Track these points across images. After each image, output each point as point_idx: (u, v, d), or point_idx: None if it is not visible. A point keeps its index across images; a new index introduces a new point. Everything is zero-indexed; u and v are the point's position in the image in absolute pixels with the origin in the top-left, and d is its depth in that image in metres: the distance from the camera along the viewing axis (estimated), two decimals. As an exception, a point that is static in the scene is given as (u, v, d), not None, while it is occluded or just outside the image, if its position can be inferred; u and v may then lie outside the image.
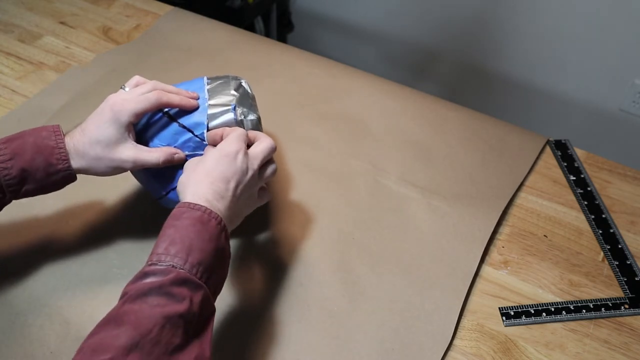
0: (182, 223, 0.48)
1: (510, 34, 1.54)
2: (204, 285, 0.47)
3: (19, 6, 1.04)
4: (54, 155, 0.54)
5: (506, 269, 0.68)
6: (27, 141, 0.54)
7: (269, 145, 0.57)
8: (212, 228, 0.49)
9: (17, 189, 0.55)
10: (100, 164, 0.56)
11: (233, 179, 0.53)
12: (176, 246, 0.47)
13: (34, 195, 0.57)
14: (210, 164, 0.53)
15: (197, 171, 0.54)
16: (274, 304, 0.62)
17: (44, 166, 0.54)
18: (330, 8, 1.83)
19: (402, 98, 0.89)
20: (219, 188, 0.52)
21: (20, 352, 0.57)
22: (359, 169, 0.77)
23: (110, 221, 0.69)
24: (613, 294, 0.66)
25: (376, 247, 0.68)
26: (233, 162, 0.54)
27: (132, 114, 0.56)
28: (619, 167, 0.81)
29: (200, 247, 0.47)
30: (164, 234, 0.48)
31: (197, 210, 0.49)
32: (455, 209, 0.73)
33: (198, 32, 1.00)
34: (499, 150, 0.81)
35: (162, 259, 0.46)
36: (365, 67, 1.00)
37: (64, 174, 0.56)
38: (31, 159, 0.54)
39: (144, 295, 0.44)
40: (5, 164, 0.53)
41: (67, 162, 0.55)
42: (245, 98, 0.63)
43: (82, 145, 0.55)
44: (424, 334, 0.60)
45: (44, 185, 0.56)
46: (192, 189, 0.52)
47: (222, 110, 0.60)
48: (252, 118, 0.62)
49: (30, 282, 0.63)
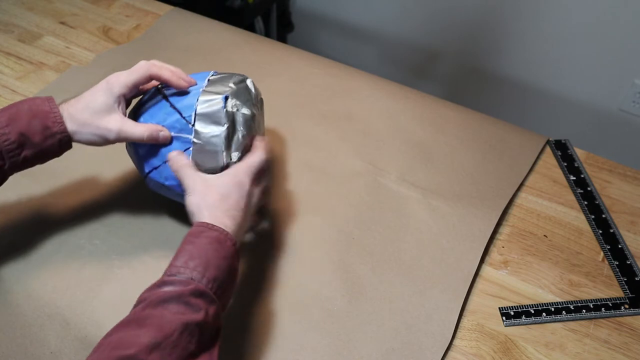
0: (200, 241, 0.51)
1: (511, 34, 1.54)
2: (217, 300, 0.49)
3: (19, 6, 1.04)
4: (49, 119, 0.56)
5: (506, 269, 0.68)
6: (22, 108, 0.56)
7: (266, 168, 0.61)
8: (228, 248, 0.52)
9: (17, 154, 0.55)
10: (86, 129, 0.57)
11: (245, 204, 0.57)
12: (195, 261, 0.49)
13: (33, 164, 0.58)
14: (225, 190, 0.56)
15: (211, 194, 0.56)
16: (274, 304, 0.62)
17: (40, 129, 0.55)
18: (330, 8, 1.83)
19: (402, 98, 0.89)
20: (234, 214, 0.55)
21: (20, 352, 0.57)
22: (359, 169, 0.77)
23: (111, 222, 0.69)
24: (613, 294, 0.66)
25: (376, 247, 0.68)
26: (245, 190, 0.57)
27: (123, 84, 0.58)
28: (619, 167, 0.81)
29: (216, 264, 0.50)
30: (183, 248, 0.51)
31: (215, 231, 0.52)
32: (455, 209, 0.73)
33: (198, 32, 1.00)
34: (499, 150, 0.81)
35: (182, 271, 0.49)
36: (365, 67, 1.00)
37: (61, 136, 0.57)
38: (28, 123, 0.55)
39: (165, 302, 0.46)
40: (4, 129, 0.54)
41: (63, 124, 0.56)
42: (244, 93, 0.63)
43: (74, 109, 0.57)
44: (424, 334, 0.60)
45: (42, 150, 0.57)
46: (209, 212, 0.54)
47: (213, 98, 0.60)
48: (245, 112, 0.61)
49: (30, 282, 0.63)
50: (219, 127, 0.59)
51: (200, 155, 0.59)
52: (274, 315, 0.61)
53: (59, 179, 0.74)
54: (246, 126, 0.61)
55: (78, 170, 0.75)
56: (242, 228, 0.56)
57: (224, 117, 0.59)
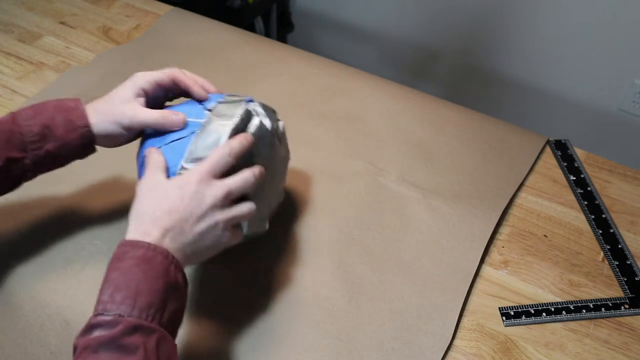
0: (125, 264, 0.46)
1: (511, 34, 1.54)
2: (158, 327, 0.45)
3: (19, 6, 1.04)
4: (73, 113, 0.57)
5: (506, 269, 0.68)
6: (49, 104, 0.58)
7: (242, 179, 0.53)
8: (159, 264, 0.46)
9: (39, 147, 0.56)
10: (106, 118, 0.57)
11: (185, 212, 0.50)
12: (121, 292, 0.44)
13: (55, 160, 0.58)
14: (161, 193, 0.50)
15: (145, 200, 0.50)
16: (273, 304, 0.62)
17: (64, 122, 0.56)
18: (330, 8, 1.83)
19: (402, 98, 0.89)
20: (167, 222, 0.49)
21: (20, 352, 0.57)
22: (359, 169, 0.77)
23: (112, 222, 0.69)
24: (613, 294, 0.66)
25: (376, 247, 0.68)
26: (187, 192, 0.50)
27: (146, 80, 0.58)
28: (619, 167, 0.81)
29: (148, 288, 0.45)
30: (108, 278, 0.46)
31: (140, 248, 0.47)
32: (455, 209, 0.73)
33: (198, 32, 1.00)
34: (499, 150, 0.81)
35: (109, 307, 0.44)
36: (365, 67, 1.00)
37: (82, 131, 0.57)
38: (52, 116, 0.56)
39: (95, 353, 0.42)
40: (29, 121, 0.55)
41: (86, 119, 0.57)
42: (270, 113, 0.61)
43: (98, 103, 0.59)
44: (424, 334, 0.60)
45: (64, 144, 0.57)
46: (135, 224, 0.49)
47: (238, 98, 0.59)
48: (264, 121, 0.58)
49: (30, 282, 0.63)
50: (233, 118, 0.55)
51: (202, 138, 0.54)
52: (274, 315, 0.61)
53: (60, 180, 0.73)
54: (258, 136, 0.57)
55: (78, 171, 0.75)
56: (188, 243, 0.50)
57: (241, 111, 0.56)
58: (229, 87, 0.88)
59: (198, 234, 0.50)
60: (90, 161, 0.76)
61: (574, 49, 1.47)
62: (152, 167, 0.53)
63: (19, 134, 0.55)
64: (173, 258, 0.48)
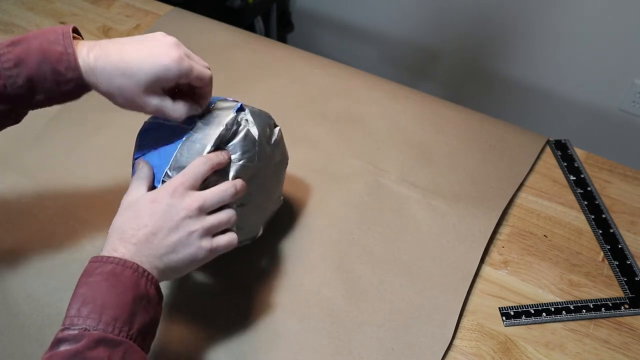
0: (94, 279, 0.46)
1: (511, 34, 1.54)
2: (125, 340, 0.44)
3: (19, 6, 1.04)
4: (62, 63, 0.48)
5: (506, 269, 0.68)
6: (32, 45, 0.48)
7: (220, 190, 0.52)
8: (127, 278, 0.46)
9: (28, 98, 0.50)
10: (123, 94, 0.50)
11: (155, 226, 0.49)
12: (88, 306, 0.44)
13: (50, 105, 0.52)
14: (134, 210, 0.50)
15: (120, 216, 0.51)
16: (274, 304, 0.62)
17: (51, 75, 0.49)
18: (331, 8, 1.83)
19: (402, 98, 0.89)
20: (135, 238, 0.49)
21: (19, 353, 0.57)
22: (359, 169, 0.77)
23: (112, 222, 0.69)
24: (613, 294, 0.66)
25: (376, 247, 0.68)
26: (159, 206, 0.50)
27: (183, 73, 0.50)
28: (619, 167, 0.81)
29: (114, 302, 0.45)
30: (77, 293, 0.46)
31: (109, 264, 0.47)
32: (455, 209, 0.73)
33: (198, 32, 1.00)
34: (499, 150, 0.81)
35: (75, 322, 0.44)
36: (365, 67, 1.00)
37: (76, 84, 0.50)
38: (37, 67, 0.48)
39: None
40: (11, 71, 0.48)
41: (77, 70, 0.49)
42: (263, 120, 0.59)
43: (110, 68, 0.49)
44: (424, 334, 0.60)
45: (55, 96, 0.51)
46: (111, 239, 0.49)
47: (230, 104, 0.57)
48: (251, 130, 0.57)
49: (30, 283, 0.63)
50: (219, 126, 0.55)
51: (187, 146, 0.54)
52: (274, 315, 0.61)
53: (60, 179, 0.74)
54: (243, 144, 0.56)
55: (79, 171, 0.75)
56: (162, 258, 0.49)
57: (229, 119, 0.55)
58: (229, 87, 0.88)
59: (169, 246, 0.49)
60: (90, 161, 0.76)
61: (574, 49, 1.47)
62: (136, 179, 0.53)
63: (2, 87, 0.48)
64: (144, 271, 0.47)
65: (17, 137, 0.78)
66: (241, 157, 0.56)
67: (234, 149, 0.55)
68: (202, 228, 0.51)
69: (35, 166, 0.75)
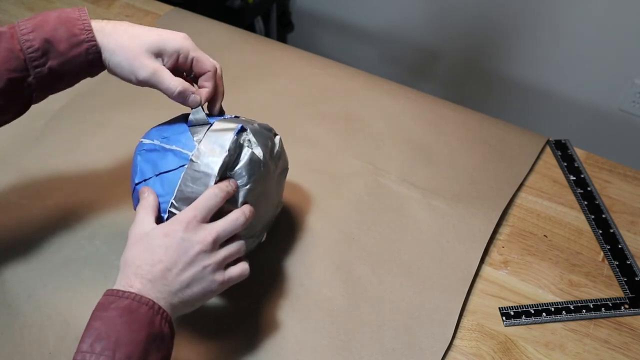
0: (109, 314, 0.45)
1: (511, 34, 1.54)
2: None
3: (19, 6, 1.04)
4: (76, 26, 0.52)
5: (506, 269, 0.68)
6: (51, 15, 0.53)
7: (231, 221, 0.52)
8: (143, 315, 0.46)
9: (42, 64, 0.52)
10: (124, 54, 0.53)
11: (170, 261, 0.49)
12: (102, 342, 0.44)
13: (62, 79, 0.54)
14: (147, 243, 0.49)
15: (133, 248, 0.50)
16: (274, 304, 0.62)
17: (66, 36, 0.52)
18: (331, 8, 1.83)
19: (402, 98, 0.89)
20: (151, 274, 0.48)
21: (18, 353, 0.57)
22: (359, 169, 0.77)
23: (112, 222, 0.69)
24: (613, 294, 0.66)
25: (376, 247, 0.68)
26: (173, 241, 0.49)
27: (185, 51, 0.56)
28: (619, 167, 0.81)
29: (129, 339, 0.44)
30: (90, 326, 0.45)
31: (125, 299, 0.46)
32: (455, 209, 0.73)
33: (198, 32, 1.00)
34: (499, 150, 0.81)
35: (87, 358, 0.43)
36: (365, 67, 1.00)
37: (88, 46, 0.53)
38: (53, 29, 0.52)
39: None
40: (27, 35, 0.51)
41: (91, 33, 0.53)
42: (264, 137, 0.57)
43: (117, 29, 0.54)
44: (424, 334, 0.60)
45: (69, 60, 0.53)
46: (123, 273, 0.49)
47: (229, 125, 0.55)
48: (255, 152, 0.55)
49: (30, 283, 0.63)
50: (222, 152, 0.53)
51: (191, 177, 0.53)
52: (274, 316, 0.61)
53: (60, 179, 0.74)
54: (249, 168, 0.55)
55: (79, 171, 0.75)
56: (177, 293, 0.49)
57: (231, 143, 0.53)
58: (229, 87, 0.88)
59: (184, 282, 0.49)
60: (91, 161, 0.76)
61: (574, 49, 1.47)
62: (143, 209, 0.52)
63: (19, 51, 0.51)
64: (159, 309, 0.47)
65: (17, 137, 0.78)
66: (248, 181, 0.55)
67: (240, 174, 0.54)
68: (215, 262, 0.51)
69: (35, 166, 0.75)
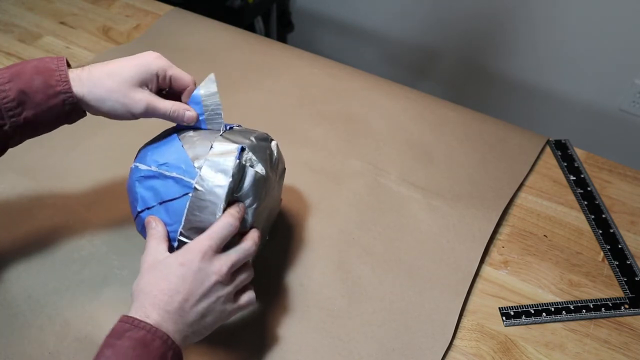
0: (122, 343, 0.44)
1: (511, 34, 1.54)
2: None
3: (19, 6, 1.04)
4: (53, 77, 0.52)
5: (506, 269, 0.68)
6: (28, 65, 0.53)
7: (244, 250, 0.52)
8: (155, 350, 0.45)
9: (17, 114, 0.51)
10: (113, 96, 0.53)
11: (187, 292, 0.48)
12: None
13: (38, 127, 0.54)
14: (163, 272, 0.49)
15: (147, 276, 0.49)
16: (274, 304, 0.62)
17: (42, 87, 0.51)
18: (331, 8, 1.83)
19: (402, 98, 0.89)
20: (169, 305, 0.47)
21: (18, 353, 0.57)
22: (359, 169, 0.77)
23: (112, 222, 0.69)
24: (613, 294, 0.66)
25: (376, 247, 0.68)
26: (190, 270, 0.49)
27: (162, 72, 0.55)
28: (619, 167, 0.81)
29: None
30: (102, 354, 0.44)
31: (141, 329, 0.45)
32: (455, 209, 0.73)
33: (198, 32, 1.00)
34: (499, 150, 0.81)
35: None
36: (365, 67, 1.00)
37: (65, 97, 0.52)
38: (30, 79, 0.51)
39: None
40: (4, 86, 0.51)
41: (67, 84, 0.52)
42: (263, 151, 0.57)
43: (95, 74, 0.53)
44: (424, 334, 0.60)
45: (45, 111, 0.52)
46: (138, 301, 0.48)
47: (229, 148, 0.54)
48: (258, 170, 0.54)
49: (30, 283, 0.63)
50: (226, 178, 0.52)
51: (198, 206, 0.52)
52: (274, 315, 0.61)
53: (60, 179, 0.74)
54: (254, 187, 0.54)
55: (78, 171, 0.75)
56: (191, 324, 0.48)
57: (234, 167, 0.52)
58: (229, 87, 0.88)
59: (200, 313, 0.49)
60: (91, 160, 0.76)
61: (574, 49, 1.47)
62: (153, 238, 0.52)
63: None
64: (172, 344, 0.46)
65: (17, 137, 0.78)
66: (254, 201, 0.54)
67: (246, 195, 0.54)
68: (228, 293, 0.51)
69: (35, 166, 0.75)
